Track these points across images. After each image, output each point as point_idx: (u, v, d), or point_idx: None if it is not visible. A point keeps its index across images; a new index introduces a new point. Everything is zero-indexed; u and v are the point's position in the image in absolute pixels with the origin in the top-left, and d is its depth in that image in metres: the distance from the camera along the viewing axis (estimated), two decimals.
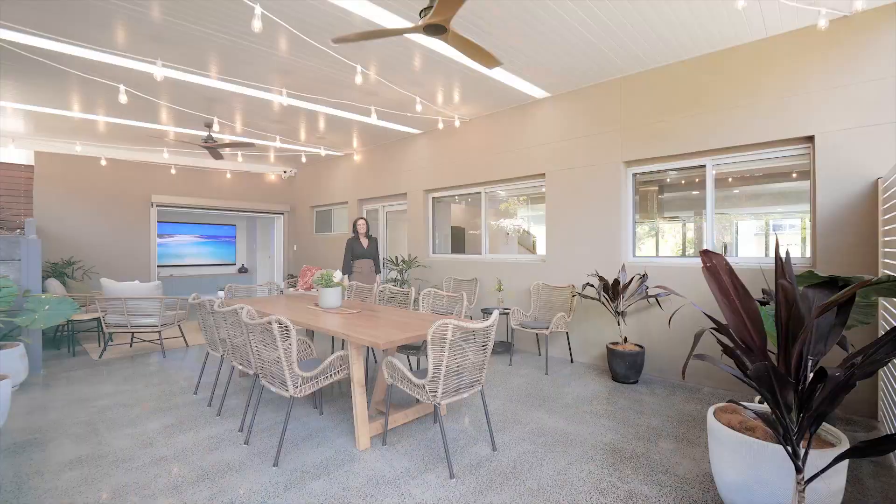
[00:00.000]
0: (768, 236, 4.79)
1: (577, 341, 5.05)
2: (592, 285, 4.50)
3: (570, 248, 5.09)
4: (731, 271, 1.74)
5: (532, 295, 5.30)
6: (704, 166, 4.27)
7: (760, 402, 2.40)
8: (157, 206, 8.55)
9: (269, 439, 3.08)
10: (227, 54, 4.03)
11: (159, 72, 3.79)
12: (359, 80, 3.91)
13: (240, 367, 3.41)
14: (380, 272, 6.03)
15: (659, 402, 3.74)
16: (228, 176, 9.44)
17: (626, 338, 4.40)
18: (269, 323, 2.68)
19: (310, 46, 3.82)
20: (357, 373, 2.92)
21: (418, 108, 4.87)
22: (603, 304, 4.40)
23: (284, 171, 10.11)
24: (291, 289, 9.07)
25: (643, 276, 4.39)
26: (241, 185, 9.74)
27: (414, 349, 3.95)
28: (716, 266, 1.72)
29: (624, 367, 4.17)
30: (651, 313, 4.45)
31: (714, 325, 1.84)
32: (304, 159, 8.48)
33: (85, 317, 5.66)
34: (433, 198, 6.98)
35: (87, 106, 5.52)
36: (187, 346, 6.06)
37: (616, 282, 4.21)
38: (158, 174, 8.57)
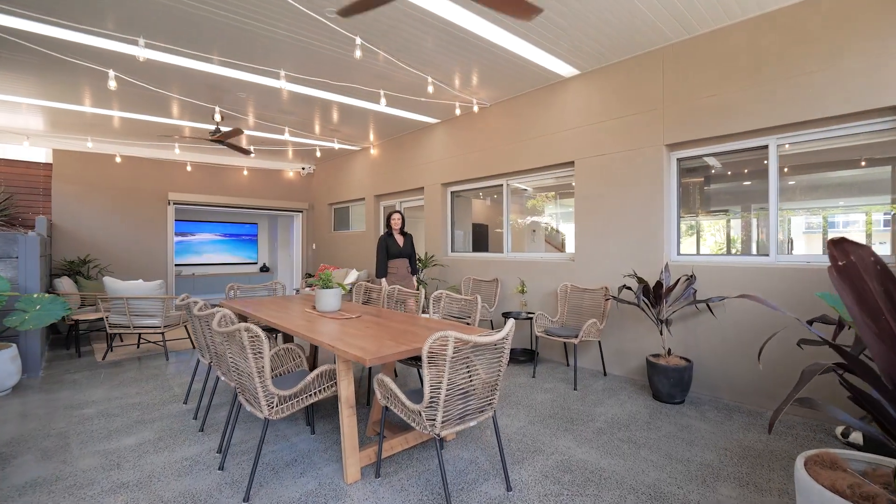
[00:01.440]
0: (826, 234, 4.04)
1: (610, 351, 4.44)
2: (630, 288, 3.90)
3: (603, 246, 4.49)
4: (885, 273, 1.13)
5: (559, 298, 4.73)
6: (766, 147, 3.59)
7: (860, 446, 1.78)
8: (175, 203, 8.42)
9: (248, 464, 2.67)
10: (228, 35, 3.67)
11: (143, 53, 3.45)
12: (358, 54, 3.46)
13: (223, 378, 3.02)
14: (416, 273, 5.40)
15: (712, 430, 3.11)
16: (245, 173, 9.24)
17: (669, 349, 3.77)
18: (238, 332, 2.26)
19: (311, 21, 3.41)
20: (345, 390, 2.46)
21: (430, 89, 4.38)
22: (643, 310, 3.79)
23: (303, 168, 9.85)
24: (308, 288, 8.78)
25: (690, 277, 3.75)
26: (259, 183, 9.54)
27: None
28: (855, 266, 1.08)
29: (667, 384, 3.55)
30: (700, 321, 3.80)
31: (816, 342, 1.25)
32: (318, 153, 8.15)
33: (91, 316, 5.47)
34: (451, 192, 6.48)
35: (99, 100, 5.33)
36: (194, 348, 5.79)
37: (658, 284, 3.59)
38: (175, 171, 8.45)
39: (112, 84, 3.88)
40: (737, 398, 3.61)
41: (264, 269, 12.01)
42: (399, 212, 5.36)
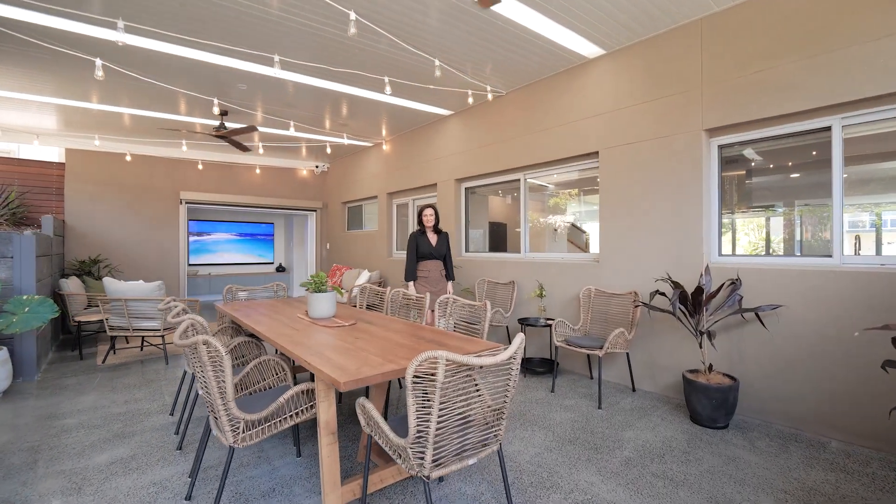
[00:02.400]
0: (881, 233, 3.43)
1: (640, 364, 3.95)
2: (663, 294, 3.41)
3: (631, 246, 4.01)
4: None
5: (582, 303, 4.26)
6: (829, 129, 3.05)
7: None
8: (187, 203, 8.30)
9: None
10: (219, 17, 3.38)
11: (122, 37, 3.19)
12: (353, 30, 3.10)
13: (201, 393, 2.71)
14: (453, 278, 4.70)
15: (765, 464, 2.61)
16: (258, 171, 9.07)
17: (710, 365, 3.26)
18: (196, 345, 1.92)
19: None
20: (325, 413, 2.10)
21: (437, 73, 3.99)
22: (679, 319, 3.30)
23: (316, 167, 9.62)
24: None
25: (735, 282, 3.24)
26: (273, 181, 9.35)
27: None
28: None
29: (709, 405, 3.06)
30: (747, 333, 3.28)
31: None
32: (328, 150, 7.88)
33: (93, 318, 5.31)
34: (466, 188, 6.07)
35: (103, 97, 5.17)
36: None
37: (698, 290, 3.09)
38: (187, 170, 8.33)
39: (99, 73, 3.65)
40: (793, 424, 3.08)
41: (280, 269, 11.88)
42: (432, 206, 4.65)
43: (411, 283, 4.56)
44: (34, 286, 4.46)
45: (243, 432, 2.01)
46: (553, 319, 4.39)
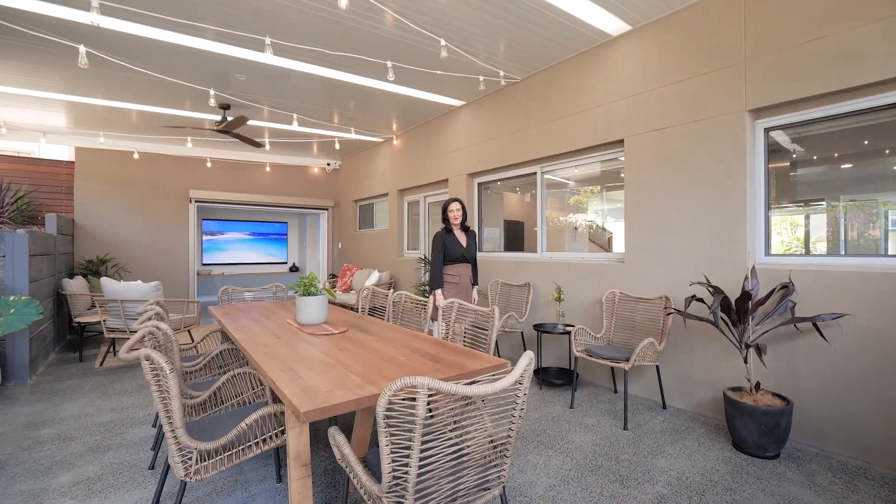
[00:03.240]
0: None
1: (672, 378, 3.51)
2: (701, 300, 2.97)
3: (661, 245, 3.56)
4: None
5: (604, 308, 3.83)
6: None
7: None
8: (196, 201, 8.15)
9: None
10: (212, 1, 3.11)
11: (95, 18, 2.93)
12: (343, 3, 2.76)
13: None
14: (477, 283, 4.07)
15: None
16: (268, 169, 8.88)
17: (758, 384, 2.80)
18: (139, 360, 1.61)
19: None
20: (296, 442, 1.76)
21: (443, 54, 3.62)
22: (719, 329, 2.85)
23: (328, 164, 9.39)
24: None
25: (787, 286, 2.77)
26: (283, 179, 9.15)
27: None
28: None
29: (756, 431, 2.61)
30: (801, 345, 2.81)
31: None
32: (337, 145, 7.61)
33: (92, 319, 5.14)
34: (479, 183, 5.69)
35: (109, 92, 4.99)
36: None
37: (745, 296, 2.64)
38: (196, 169, 8.19)
39: (83, 61, 3.42)
40: (859, 455, 2.60)
41: (294, 268, 11.71)
42: (458, 200, 3.97)
43: (438, 292, 3.80)
44: (27, 286, 4.29)
45: (196, 464, 1.69)
46: (572, 326, 3.97)
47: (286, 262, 11.77)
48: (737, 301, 2.66)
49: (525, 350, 4.73)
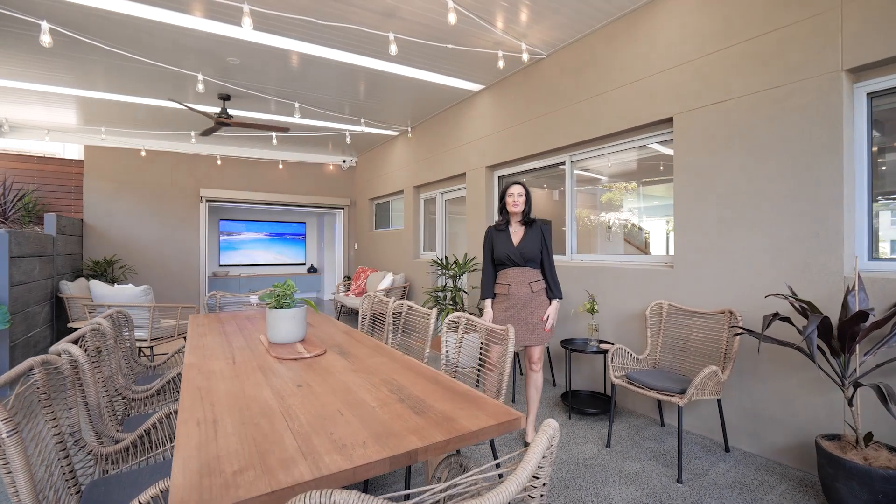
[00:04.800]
0: None
1: (738, 412, 2.80)
2: (786, 319, 2.26)
3: (723, 246, 2.86)
4: None
5: (649, 323, 3.16)
6: None
7: None
8: (207, 201, 7.87)
9: None
10: None
11: None
12: None
13: None
14: (557, 294, 2.91)
15: None
16: (280, 167, 8.52)
17: (869, 434, 2.07)
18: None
19: None
20: None
21: (451, 18, 3.02)
22: (810, 357, 2.14)
23: (343, 161, 8.96)
24: (342, 294, 7.83)
25: None
26: (297, 177, 8.78)
27: None
28: None
29: (869, 499, 1.90)
30: None
31: None
32: (348, 139, 7.14)
33: (85, 325, 4.81)
34: (499, 176, 5.07)
35: (97, 82, 4.69)
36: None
37: (860, 315, 1.92)
38: (205, 166, 7.90)
39: (46, 39, 3.02)
40: None
41: (312, 270, 11.36)
42: (521, 183, 2.94)
43: (488, 302, 2.97)
44: (6, 292, 3.97)
45: None
46: (609, 344, 3.31)
47: (304, 264, 11.45)
48: (842, 323, 1.95)
49: (552, 372, 4.07)
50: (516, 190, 2.90)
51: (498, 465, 1.72)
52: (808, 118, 2.46)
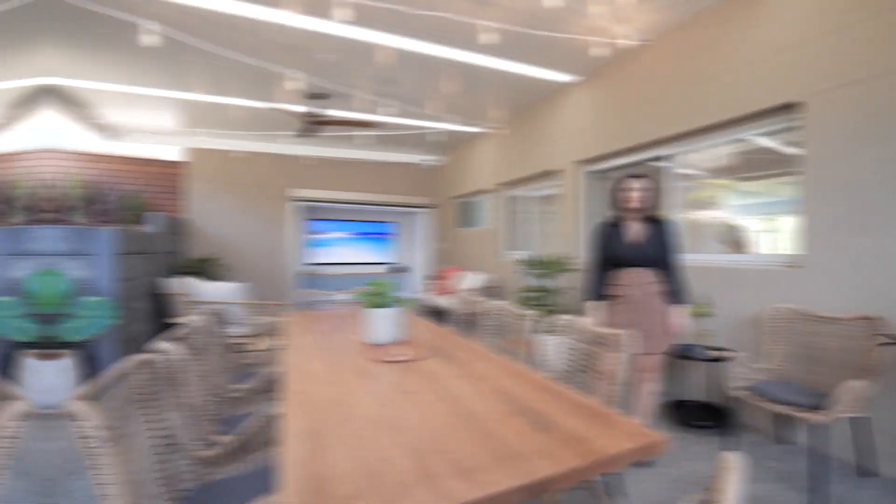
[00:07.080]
0: None
1: (885, 431, 2.40)
2: None
3: (861, 244, 2.47)
4: None
5: (769, 329, 2.80)
6: None
7: None
8: (294, 200, 8.30)
9: None
10: None
11: None
12: None
13: None
14: (683, 299, 2.67)
15: None
16: (364, 166, 8.75)
17: None
18: None
19: None
20: None
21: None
22: None
23: (430, 160, 9.04)
24: (428, 293, 7.89)
25: None
26: (384, 177, 9.00)
27: None
28: None
29: None
30: None
31: None
32: (438, 139, 7.10)
33: (179, 320, 5.23)
34: (587, 172, 4.80)
35: (196, 85, 5.00)
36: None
37: None
38: (294, 167, 8.34)
39: (151, 39, 3.25)
40: None
41: (400, 269, 11.53)
42: (643, 176, 2.68)
43: (596, 305, 2.75)
44: (113, 286, 4.27)
45: None
46: (725, 352, 2.98)
47: (390, 263, 11.65)
48: None
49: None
50: (635, 184, 2.63)
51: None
52: None
